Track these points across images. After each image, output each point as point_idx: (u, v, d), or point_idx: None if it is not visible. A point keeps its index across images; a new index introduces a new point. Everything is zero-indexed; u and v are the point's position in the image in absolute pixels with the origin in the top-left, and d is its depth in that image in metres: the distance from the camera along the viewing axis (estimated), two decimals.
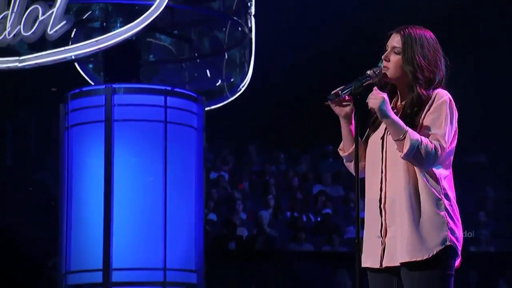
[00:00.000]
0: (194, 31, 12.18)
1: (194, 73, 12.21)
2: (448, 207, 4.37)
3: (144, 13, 10.71)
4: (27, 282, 13.11)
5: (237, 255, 13.92)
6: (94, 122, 11.11)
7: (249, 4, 11.78)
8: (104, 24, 11.55)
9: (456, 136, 4.48)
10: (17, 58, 10.81)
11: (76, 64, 11.81)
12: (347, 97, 4.46)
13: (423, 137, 4.30)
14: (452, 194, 4.44)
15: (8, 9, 10.79)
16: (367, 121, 4.63)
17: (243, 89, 11.95)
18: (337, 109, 4.52)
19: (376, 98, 4.32)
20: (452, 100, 4.47)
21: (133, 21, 10.79)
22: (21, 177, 15.71)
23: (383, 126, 4.48)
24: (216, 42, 12.33)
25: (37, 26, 10.66)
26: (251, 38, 11.78)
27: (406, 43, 4.49)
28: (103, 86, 11.17)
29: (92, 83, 12.03)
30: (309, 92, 16.62)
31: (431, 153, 4.29)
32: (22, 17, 10.69)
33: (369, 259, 4.47)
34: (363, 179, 4.57)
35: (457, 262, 4.40)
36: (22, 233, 13.60)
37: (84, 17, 11.36)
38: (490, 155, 19.16)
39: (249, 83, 12.02)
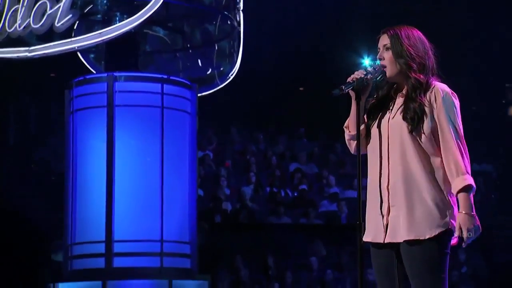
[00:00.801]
0: (186, 24, 12.09)
1: (187, 63, 12.14)
2: (450, 193, 4.39)
3: (143, 7, 10.68)
4: (31, 254, 13.02)
5: (223, 227, 13.95)
6: (97, 107, 11.08)
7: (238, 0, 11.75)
8: (106, 17, 11.50)
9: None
10: (27, 48, 10.77)
11: (79, 54, 11.68)
12: (351, 93, 4.48)
13: (466, 176, 4.28)
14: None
15: (18, 3, 10.75)
16: (366, 109, 4.62)
17: (232, 77, 11.88)
18: (352, 94, 4.52)
19: (474, 229, 4.27)
20: (452, 91, 4.49)
21: (133, 15, 10.75)
22: (23, 155, 15.61)
23: (386, 114, 4.51)
24: (207, 34, 12.29)
25: (45, 19, 10.61)
26: (239, 31, 11.72)
27: (393, 38, 4.52)
28: (105, 74, 11.14)
29: (94, 71, 11.97)
30: (286, 80, 16.71)
31: (463, 169, 4.30)
32: (32, 11, 10.64)
33: (370, 235, 4.48)
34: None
35: (454, 241, 4.43)
36: (27, 206, 13.50)
37: (86, 11, 11.26)
38: None
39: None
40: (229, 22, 11.80)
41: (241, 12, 11.66)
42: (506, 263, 15.35)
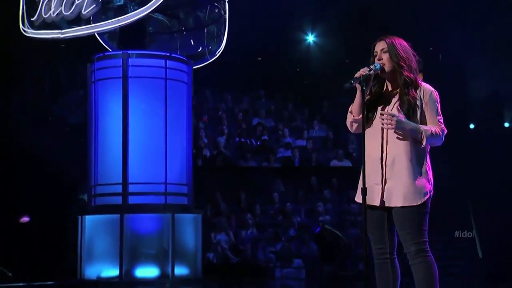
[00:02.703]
0: (182, 11, 12.04)
1: (182, 42, 12.05)
2: (429, 168, 4.47)
3: None
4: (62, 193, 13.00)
5: (204, 169, 13.85)
6: (114, 78, 11.14)
7: None
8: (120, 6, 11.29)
9: None
10: (59, 31, 10.76)
11: (96, 34, 11.54)
12: (357, 86, 4.43)
13: (431, 128, 4.40)
14: (429, 159, 4.52)
15: None
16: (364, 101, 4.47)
17: (218, 54, 11.90)
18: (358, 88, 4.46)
19: (391, 121, 4.34)
20: (434, 90, 4.55)
21: (142, 6, 10.74)
22: (41, 111, 15.41)
23: (385, 106, 4.49)
24: (199, 20, 12.19)
25: (74, 8, 10.61)
26: (225, 18, 11.77)
27: (389, 44, 4.51)
28: (121, 52, 11.20)
29: (109, 49, 11.88)
30: (249, 52, 16.54)
31: (441, 136, 4.42)
32: (63, 1, 10.66)
33: (369, 199, 4.41)
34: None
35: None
36: (50, 152, 13.20)
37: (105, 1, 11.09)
38: None
39: None
40: (216, 11, 11.81)
41: (226, 3, 11.74)
42: None
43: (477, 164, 14.32)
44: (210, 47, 11.94)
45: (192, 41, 12.13)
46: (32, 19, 10.84)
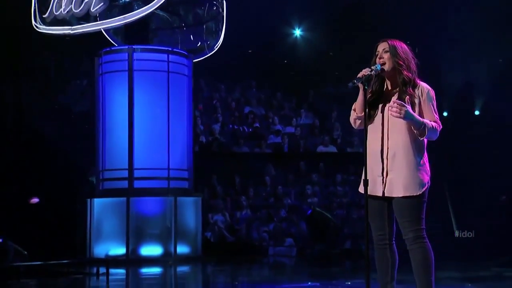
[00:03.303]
0: (182, 8, 12.13)
1: (183, 37, 12.12)
2: (426, 161, 4.48)
3: None
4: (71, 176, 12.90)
5: (200, 155, 13.67)
6: (120, 71, 11.26)
7: None
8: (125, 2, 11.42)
9: None
10: (69, 27, 10.87)
11: (102, 29, 11.56)
12: (360, 85, 4.38)
13: (431, 122, 4.39)
14: (426, 153, 4.51)
15: None
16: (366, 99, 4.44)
17: (216, 48, 12.02)
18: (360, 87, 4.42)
19: (401, 110, 4.31)
20: (431, 88, 4.53)
21: (149, 3, 10.86)
22: (48, 99, 15.32)
23: (386, 104, 4.46)
24: (198, 17, 12.29)
25: (83, 6, 10.73)
26: (223, 15, 11.88)
27: (391, 45, 4.49)
28: (126, 46, 11.33)
29: (114, 43, 11.93)
30: (241, 46, 16.45)
31: (437, 130, 4.42)
32: (73, 0, 10.70)
33: (372, 190, 4.42)
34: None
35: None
36: (58, 137, 13.30)
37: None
38: None
39: None
40: (215, 8, 11.91)
41: (224, 1, 11.84)
42: None
43: (450, 149, 14.45)
44: (208, 42, 12.07)
45: (191, 36, 12.21)
46: (44, 16, 10.91)
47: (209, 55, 12.03)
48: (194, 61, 11.85)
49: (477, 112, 17.87)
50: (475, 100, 18.17)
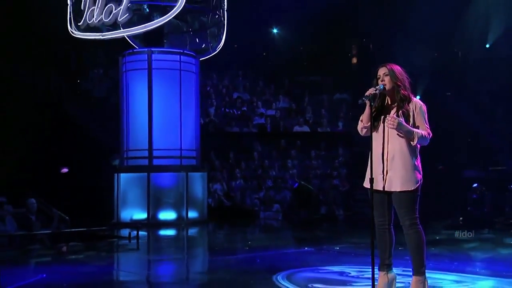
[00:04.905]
0: (189, 16, 12.19)
1: (190, 40, 12.25)
2: (419, 162, 4.57)
3: (170, 9, 10.95)
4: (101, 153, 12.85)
5: (200, 134, 13.74)
6: (141, 69, 11.39)
7: (222, 3, 11.99)
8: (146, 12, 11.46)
9: None
10: (100, 33, 10.93)
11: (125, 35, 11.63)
12: (367, 102, 4.49)
13: (421, 131, 4.49)
14: (419, 156, 4.59)
15: (94, 5, 10.88)
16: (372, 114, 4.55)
17: (218, 49, 12.16)
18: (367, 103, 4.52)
19: (394, 122, 4.43)
20: (423, 103, 4.58)
21: (164, 14, 10.97)
22: (70, 87, 15.33)
23: (386, 116, 4.52)
24: (203, 23, 12.39)
25: (111, 16, 10.77)
26: (224, 23, 12.04)
27: (389, 69, 4.56)
28: (146, 49, 11.44)
29: (134, 45, 12.02)
30: (231, 42, 16.44)
31: (427, 138, 4.51)
32: (103, 11, 10.80)
33: (374, 185, 4.50)
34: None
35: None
36: (82, 121, 13.30)
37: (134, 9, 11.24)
38: None
39: None
40: (217, 17, 12.01)
41: (225, 11, 11.98)
42: None
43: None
44: (211, 44, 12.21)
45: (197, 39, 12.34)
46: (79, 24, 10.91)
47: (212, 54, 12.12)
48: (200, 59, 11.95)
49: (418, 97, 18.22)
50: (417, 86, 18.69)
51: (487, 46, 15.61)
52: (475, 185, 10.75)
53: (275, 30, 18.66)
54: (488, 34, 15.68)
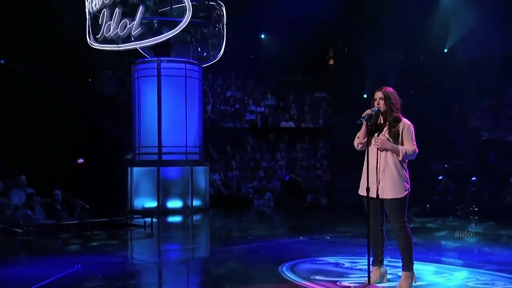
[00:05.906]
0: (193, 29, 12.22)
1: (193, 49, 12.24)
2: (407, 173, 4.69)
3: (178, 24, 10.95)
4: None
5: None
6: (151, 76, 11.46)
7: (222, 17, 12.04)
8: (156, 27, 11.50)
9: None
10: (116, 45, 10.92)
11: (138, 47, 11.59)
12: (364, 122, 4.63)
13: (407, 147, 4.61)
14: (407, 168, 4.72)
15: (111, 20, 10.86)
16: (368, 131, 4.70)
17: (219, 57, 12.23)
18: (364, 123, 4.66)
19: (382, 142, 4.61)
20: (411, 123, 4.68)
21: (173, 28, 11.00)
22: (82, 87, 15.26)
23: (380, 134, 4.64)
24: (204, 35, 12.44)
25: (126, 30, 10.78)
26: (223, 34, 12.10)
27: (385, 93, 4.66)
28: (156, 58, 11.50)
29: (145, 54, 12.05)
30: (225, 46, 16.47)
31: (413, 153, 4.62)
32: (118, 25, 10.82)
33: (370, 193, 4.63)
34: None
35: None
36: (95, 117, 13.41)
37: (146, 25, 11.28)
38: None
39: None
40: (217, 29, 12.07)
41: (224, 24, 12.05)
42: None
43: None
44: (212, 53, 12.26)
45: (199, 48, 12.37)
46: (97, 36, 10.93)
47: (213, 62, 12.22)
48: (202, 66, 12.05)
49: None
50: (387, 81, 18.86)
51: (445, 50, 15.97)
52: (440, 177, 11.03)
53: (263, 36, 18.80)
54: (446, 40, 16.06)
